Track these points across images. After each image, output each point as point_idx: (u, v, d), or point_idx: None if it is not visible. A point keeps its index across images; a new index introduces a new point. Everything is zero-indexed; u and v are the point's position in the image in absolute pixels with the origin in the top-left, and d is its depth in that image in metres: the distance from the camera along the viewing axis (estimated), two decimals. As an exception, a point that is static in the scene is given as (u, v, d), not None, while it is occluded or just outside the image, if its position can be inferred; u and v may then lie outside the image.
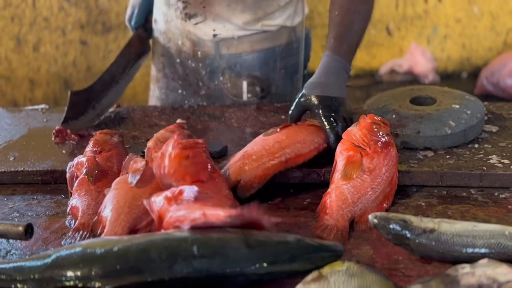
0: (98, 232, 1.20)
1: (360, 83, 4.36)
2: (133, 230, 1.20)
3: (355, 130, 1.35)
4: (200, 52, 1.86)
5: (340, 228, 1.20)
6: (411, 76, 4.42)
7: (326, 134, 1.40)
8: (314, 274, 1.01)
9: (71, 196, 1.35)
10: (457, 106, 1.53)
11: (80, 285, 1.00)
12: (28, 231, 1.15)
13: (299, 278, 1.01)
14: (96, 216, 1.24)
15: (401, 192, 1.34)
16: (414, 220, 1.11)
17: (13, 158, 1.58)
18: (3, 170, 1.52)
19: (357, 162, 1.30)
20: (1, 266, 1.05)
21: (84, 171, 1.37)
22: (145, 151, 1.41)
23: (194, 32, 1.84)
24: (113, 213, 1.21)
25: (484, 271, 0.99)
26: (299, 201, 1.35)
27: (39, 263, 1.03)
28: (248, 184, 1.31)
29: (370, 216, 1.13)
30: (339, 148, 1.35)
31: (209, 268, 1.01)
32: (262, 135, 1.42)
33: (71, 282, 1.01)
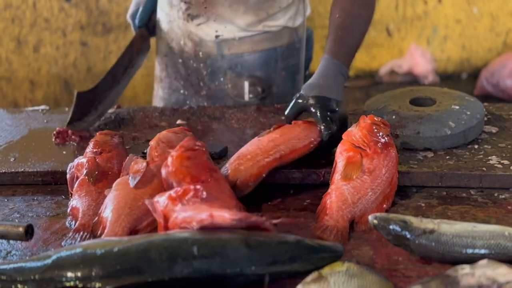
0: (99, 233, 1.21)
1: (360, 83, 4.36)
2: (134, 231, 1.20)
3: (355, 131, 1.35)
4: (202, 53, 1.86)
5: (340, 229, 1.20)
6: (411, 77, 4.43)
7: (320, 129, 1.41)
8: (314, 274, 1.01)
9: (71, 197, 1.36)
10: (457, 107, 1.54)
11: (80, 285, 1.00)
12: (29, 232, 1.15)
13: (299, 278, 1.01)
14: (97, 217, 1.24)
15: (401, 192, 1.34)
16: (414, 220, 1.11)
17: (13, 159, 1.58)
18: (3, 171, 1.52)
19: (357, 163, 1.30)
20: (1, 267, 1.05)
21: (85, 172, 1.37)
22: (146, 151, 1.41)
23: (196, 33, 1.85)
24: (113, 214, 1.21)
25: (484, 271, 0.99)
26: (299, 201, 1.35)
27: (39, 264, 1.04)
28: (244, 183, 1.32)
29: (370, 217, 1.13)
30: (339, 149, 1.35)
31: (209, 269, 1.01)
32: (257, 137, 1.42)
33: (72, 283, 1.01)
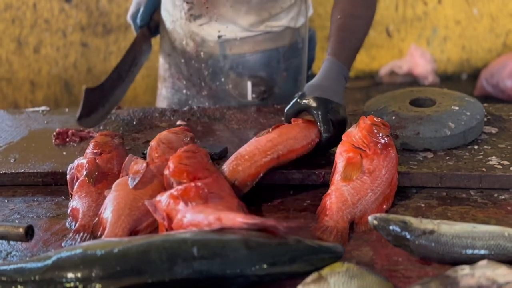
0: (99, 233, 1.21)
1: (360, 84, 4.36)
2: (134, 231, 1.20)
3: (355, 132, 1.35)
4: (204, 53, 1.86)
5: (340, 230, 1.20)
6: (411, 78, 4.43)
7: (318, 129, 1.40)
8: (314, 275, 1.01)
9: (71, 197, 1.36)
10: (457, 108, 1.54)
11: (80, 286, 1.00)
12: (29, 233, 1.15)
13: (299, 279, 1.02)
14: (97, 218, 1.24)
15: (401, 193, 1.34)
16: (414, 221, 1.11)
17: (13, 159, 1.58)
18: (3, 171, 1.52)
19: (357, 164, 1.30)
20: (1, 267, 1.05)
21: (85, 172, 1.37)
22: (146, 152, 1.41)
23: (198, 33, 1.85)
24: (113, 214, 1.21)
25: (484, 272, 0.99)
26: (299, 202, 1.35)
27: (39, 264, 1.04)
28: (243, 183, 1.32)
29: (370, 218, 1.13)
30: (339, 150, 1.35)
31: (209, 270, 1.01)
32: (255, 137, 1.42)
33: (72, 284, 1.01)
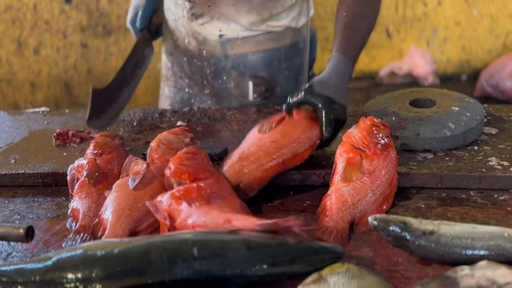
0: (99, 234, 1.21)
1: (360, 85, 4.36)
2: (134, 232, 1.20)
3: (355, 132, 1.35)
4: (206, 52, 1.87)
5: (340, 230, 1.20)
6: (411, 79, 4.43)
7: (319, 129, 1.40)
8: (314, 276, 1.01)
9: (71, 198, 1.36)
10: (457, 108, 1.54)
11: (81, 287, 1.00)
12: (29, 234, 1.15)
13: (299, 280, 1.02)
14: (97, 219, 1.24)
15: (401, 194, 1.34)
16: (414, 222, 1.11)
17: (14, 160, 1.58)
18: (4, 172, 1.52)
19: (357, 164, 1.30)
20: (2, 268, 1.05)
21: (85, 173, 1.37)
22: (146, 153, 1.41)
23: (200, 32, 1.85)
24: (113, 215, 1.21)
25: (484, 273, 0.99)
26: (299, 203, 1.36)
27: (40, 265, 1.04)
28: (248, 186, 1.32)
29: (369, 218, 1.13)
30: (339, 150, 1.35)
31: (209, 270, 1.01)
32: (257, 132, 1.41)
33: (72, 284, 1.01)
